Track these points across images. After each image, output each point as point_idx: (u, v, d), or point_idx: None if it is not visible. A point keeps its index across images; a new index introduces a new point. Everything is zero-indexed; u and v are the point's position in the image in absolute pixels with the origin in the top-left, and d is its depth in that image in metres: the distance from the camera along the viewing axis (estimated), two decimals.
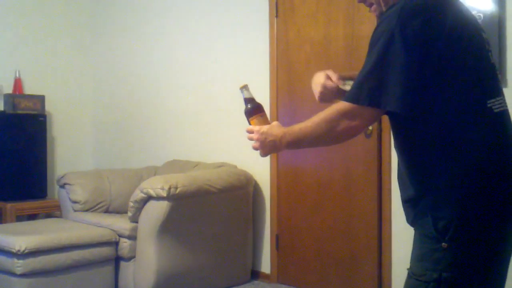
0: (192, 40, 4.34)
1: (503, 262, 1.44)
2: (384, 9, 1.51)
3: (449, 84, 1.38)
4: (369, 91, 1.39)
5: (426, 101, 1.38)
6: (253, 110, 1.68)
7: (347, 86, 1.62)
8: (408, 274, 1.45)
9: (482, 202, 1.37)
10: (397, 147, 1.54)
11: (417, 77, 1.36)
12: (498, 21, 2.82)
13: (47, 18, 4.92)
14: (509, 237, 1.42)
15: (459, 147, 1.38)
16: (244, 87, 1.72)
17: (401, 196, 1.54)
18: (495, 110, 1.41)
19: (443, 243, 1.37)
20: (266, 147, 1.58)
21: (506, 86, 2.78)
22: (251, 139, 1.62)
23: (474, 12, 2.83)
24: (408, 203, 1.49)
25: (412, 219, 1.48)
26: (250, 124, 1.66)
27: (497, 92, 1.45)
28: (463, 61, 1.39)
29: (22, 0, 4.78)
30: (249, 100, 1.70)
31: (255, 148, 1.62)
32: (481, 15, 2.85)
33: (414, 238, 1.48)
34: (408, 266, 1.47)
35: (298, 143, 1.55)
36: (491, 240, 1.38)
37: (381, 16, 1.49)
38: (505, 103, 1.47)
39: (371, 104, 1.39)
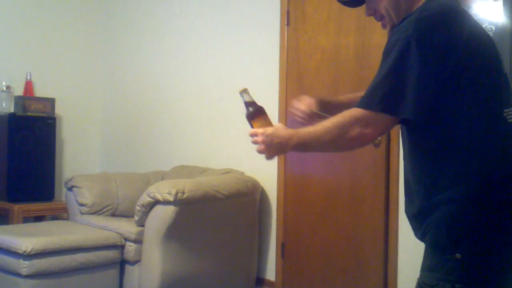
0: (202, 47, 4.36)
1: None
2: (396, 21, 1.49)
3: (466, 94, 1.36)
4: (382, 97, 1.36)
5: (442, 110, 1.37)
6: (255, 113, 1.64)
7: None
8: (418, 283, 1.43)
9: (497, 212, 1.35)
10: (409, 158, 1.50)
11: (432, 85, 1.34)
12: (510, 33, 2.82)
13: (58, 21, 4.96)
14: None
15: (474, 157, 1.36)
16: (244, 91, 1.67)
17: (409, 210, 1.50)
18: (510, 120, 1.40)
19: (457, 254, 1.35)
20: (273, 149, 1.54)
21: None
22: (255, 142, 1.57)
23: (485, 24, 2.84)
24: (418, 216, 1.45)
25: (422, 232, 1.44)
26: (252, 127, 1.62)
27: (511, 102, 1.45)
28: (479, 71, 1.38)
29: (34, 3, 4.82)
30: (250, 104, 1.66)
31: (260, 152, 1.57)
32: (493, 27, 2.85)
33: (425, 248, 1.46)
34: (415, 275, 1.46)
35: (305, 146, 1.52)
36: (505, 252, 1.37)
37: (393, 29, 1.47)
38: None
39: (384, 110, 1.36)
